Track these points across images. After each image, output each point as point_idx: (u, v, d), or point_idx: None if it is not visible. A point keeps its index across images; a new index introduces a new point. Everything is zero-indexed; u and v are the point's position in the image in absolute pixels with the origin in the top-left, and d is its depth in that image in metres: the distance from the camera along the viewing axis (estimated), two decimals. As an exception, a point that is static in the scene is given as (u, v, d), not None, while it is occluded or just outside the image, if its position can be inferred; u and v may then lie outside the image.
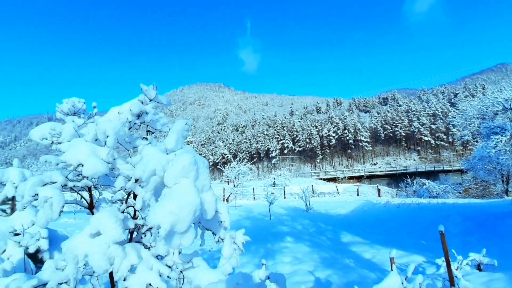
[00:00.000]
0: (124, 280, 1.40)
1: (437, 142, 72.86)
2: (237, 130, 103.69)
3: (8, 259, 2.61)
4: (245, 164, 33.76)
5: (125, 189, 1.54)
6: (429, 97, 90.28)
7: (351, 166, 76.31)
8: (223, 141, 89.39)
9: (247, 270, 6.49)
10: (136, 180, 1.57)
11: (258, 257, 7.58)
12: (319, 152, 79.24)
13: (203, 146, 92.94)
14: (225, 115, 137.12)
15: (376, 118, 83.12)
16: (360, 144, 77.38)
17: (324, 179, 49.28)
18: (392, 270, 3.00)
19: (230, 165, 31.67)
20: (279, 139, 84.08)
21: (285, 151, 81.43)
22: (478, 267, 5.38)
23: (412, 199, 23.37)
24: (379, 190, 32.53)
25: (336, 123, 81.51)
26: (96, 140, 1.70)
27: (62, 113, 1.84)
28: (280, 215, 14.42)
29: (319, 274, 6.06)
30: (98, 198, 1.78)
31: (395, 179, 49.83)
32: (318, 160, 79.11)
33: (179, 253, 1.70)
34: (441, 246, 8.29)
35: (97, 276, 2.09)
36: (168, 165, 1.15)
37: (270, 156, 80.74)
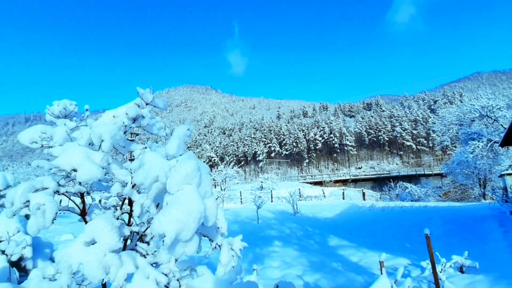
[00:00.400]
0: (120, 290, 1.34)
1: (418, 147, 75.42)
2: (224, 133, 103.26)
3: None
4: (232, 168, 33.65)
5: (121, 195, 1.49)
6: (410, 103, 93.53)
7: (336, 170, 77.60)
8: (210, 144, 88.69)
9: (236, 275, 6.44)
10: (133, 186, 1.53)
11: (246, 261, 7.52)
12: (306, 156, 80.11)
13: (189, 149, 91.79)
14: (212, 118, 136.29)
15: (360, 123, 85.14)
16: (346, 148, 78.92)
17: (310, 183, 49.80)
18: (381, 273, 3.05)
19: (217, 168, 31.45)
20: (266, 143, 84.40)
21: (272, 155, 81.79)
22: (461, 269, 5.58)
23: (395, 203, 24.04)
24: (364, 193, 33.23)
25: (322, 127, 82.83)
26: (90, 144, 1.64)
27: (53, 115, 1.76)
28: (268, 218, 14.42)
29: (308, 278, 6.09)
30: (90, 204, 1.71)
31: (379, 182, 51.07)
32: (305, 164, 79.94)
33: (176, 260, 1.66)
34: (425, 248, 8.54)
35: (86, 285, 2.01)
36: (171, 172, 1.12)
37: (257, 159, 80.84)
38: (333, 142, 79.33)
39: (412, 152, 76.84)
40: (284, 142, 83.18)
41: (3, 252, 2.55)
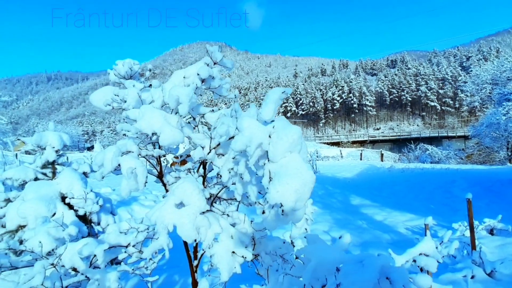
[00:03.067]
0: (209, 248, 1.41)
1: (443, 107, 71.76)
2: (240, 92, 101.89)
3: (62, 221, 2.65)
4: (249, 127, 33.77)
5: (205, 160, 1.49)
6: (440, 60, 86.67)
7: (353, 130, 76.30)
8: (226, 104, 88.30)
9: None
10: (215, 147, 1.51)
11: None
12: (323, 116, 78.66)
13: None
14: (227, 77, 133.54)
15: (383, 82, 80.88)
16: (365, 108, 76.41)
17: (327, 143, 49.63)
18: (426, 235, 3.09)
19: (235, 128, 31.68)
20: (282, 102, 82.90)
21: (288, 115, 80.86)
22: (491, 231, 5.60)
23: (415, 164, 23.75)
24: (382, 154, 32.92)
25: (342, 86, 79.57)
26: (162, 106, 1.60)
27: (119, 76, 1.71)
28: (288, 178, 14.76)
29: (335, 234, 6.35)
30: (165, 165, 1.74)
31: (398, 144, 50.11)
32: (321, 124, 78.90)
33: (251, 221, 1.70)
34: (449, 210, 8.56)
35: (158, 238, 2.15)
36: (273, 139, 1.07)
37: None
38: (352, 102, 76.73)
39: (435, 113, 73.47)
40: (301, 102, 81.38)
41: (71, 207, 2.76)
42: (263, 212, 0.99)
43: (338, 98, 78.23)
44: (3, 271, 1.63)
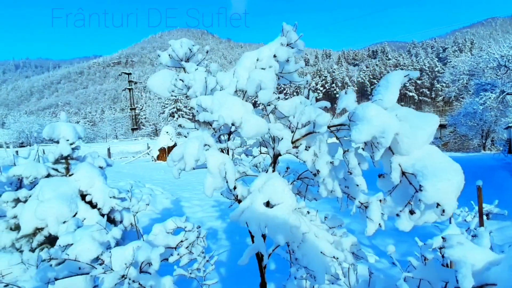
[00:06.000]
0: (297, 248, 1.29)
1: (420, 97, 74.61)
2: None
3: (83, 220, 2.45)
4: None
5: (280, 153, 1.34)
6: (418, 51, 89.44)
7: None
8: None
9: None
10: (298, 139, 1.36)
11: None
12: (306, 106, 79.41)
13: (188, 98, 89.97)
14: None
15: (364, 72, 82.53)
16: (347, 98, 77.86)
17: (312, 133, 50.26)
18: (450, 222, 3.13)
19: (221, 118, 31.18)
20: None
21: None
22: (487, 216, 5.88)
23: (398, 152, 24.55)
24: (365, 143, 33.73)
25: (325, 76, 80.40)
26: (234, 92, 1.43)
27: (177, 58, 1.49)
28: (281, 168, 14.79)
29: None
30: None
31: (379, 133, 51.68)
32: (305, 114, 79.78)
33: (325, 218, 1.60)
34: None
35: (203, 238, 2.00)
36: (406, 129, 0.95)
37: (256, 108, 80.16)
38: (335, 92, 77.88)
39: (413, 103, 76.27)
40: (285, 91, 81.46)
41: (93, 206, 2.51)
42: (413, 212, 0.88)
43: (321, 88, 79.12)
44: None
